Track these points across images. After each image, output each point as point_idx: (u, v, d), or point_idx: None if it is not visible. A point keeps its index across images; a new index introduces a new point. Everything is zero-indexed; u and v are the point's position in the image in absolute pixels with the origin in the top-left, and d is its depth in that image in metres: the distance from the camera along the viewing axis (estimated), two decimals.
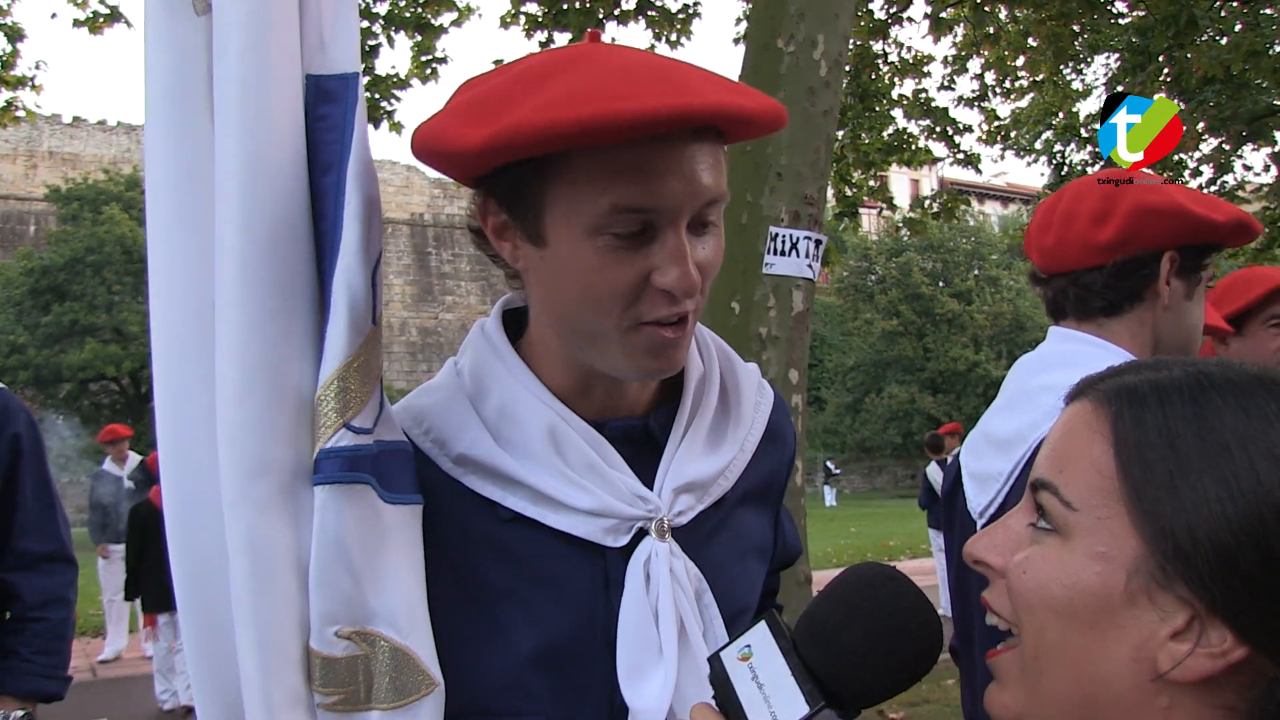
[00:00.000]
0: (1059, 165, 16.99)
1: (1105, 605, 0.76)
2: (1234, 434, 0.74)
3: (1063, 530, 0.80)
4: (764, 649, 0.91)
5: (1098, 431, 0.80)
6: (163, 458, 1.07)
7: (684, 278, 1.03)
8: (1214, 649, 0.73)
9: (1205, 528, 0.72)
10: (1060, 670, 0.79)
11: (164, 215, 1.09)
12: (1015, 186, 54.63)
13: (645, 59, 1.03)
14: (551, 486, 1.12)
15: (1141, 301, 1.74)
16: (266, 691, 1.00)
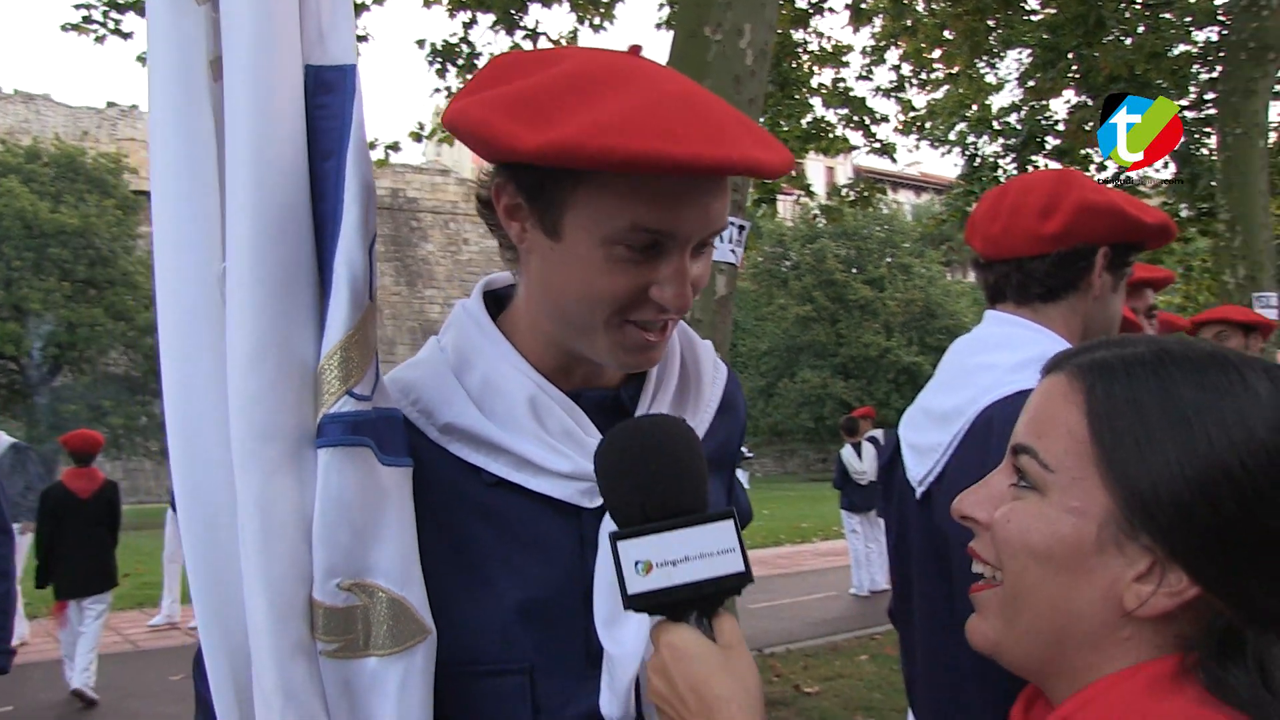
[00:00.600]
0: (972, 156, 17.32)
1: (1078, 552, 0.89)
2: (1191, 405, 0.86)
3: (1041, 488, 0.92)
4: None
5: (1073, 402, 0.92)
6: (171, 425, 1.14)
7: (679, 296, 1.14)
8: (1172, 589, 0.86)
9: (1166, 487, 0.85)
10: (1037, 606, 0.92)
11: (169, 198, 1.15)
12: (929, 176, 55.57)
13: (686, 91, 1.09)
14: (532, 452, 1.21)
15: (1076, 290, 1.89)
16: (274, 640, 1.08)
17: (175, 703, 8.04)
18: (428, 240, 41.95)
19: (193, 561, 1.13)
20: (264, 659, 1.08)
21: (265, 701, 1.09)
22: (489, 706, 1.19)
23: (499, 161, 1.16)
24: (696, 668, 1.01)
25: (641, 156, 1.01)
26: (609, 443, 1.11)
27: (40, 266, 27.99)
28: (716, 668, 1.01)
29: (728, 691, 1.00)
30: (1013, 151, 16.81)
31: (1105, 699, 0.87)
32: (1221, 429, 0.84)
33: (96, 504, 8.41)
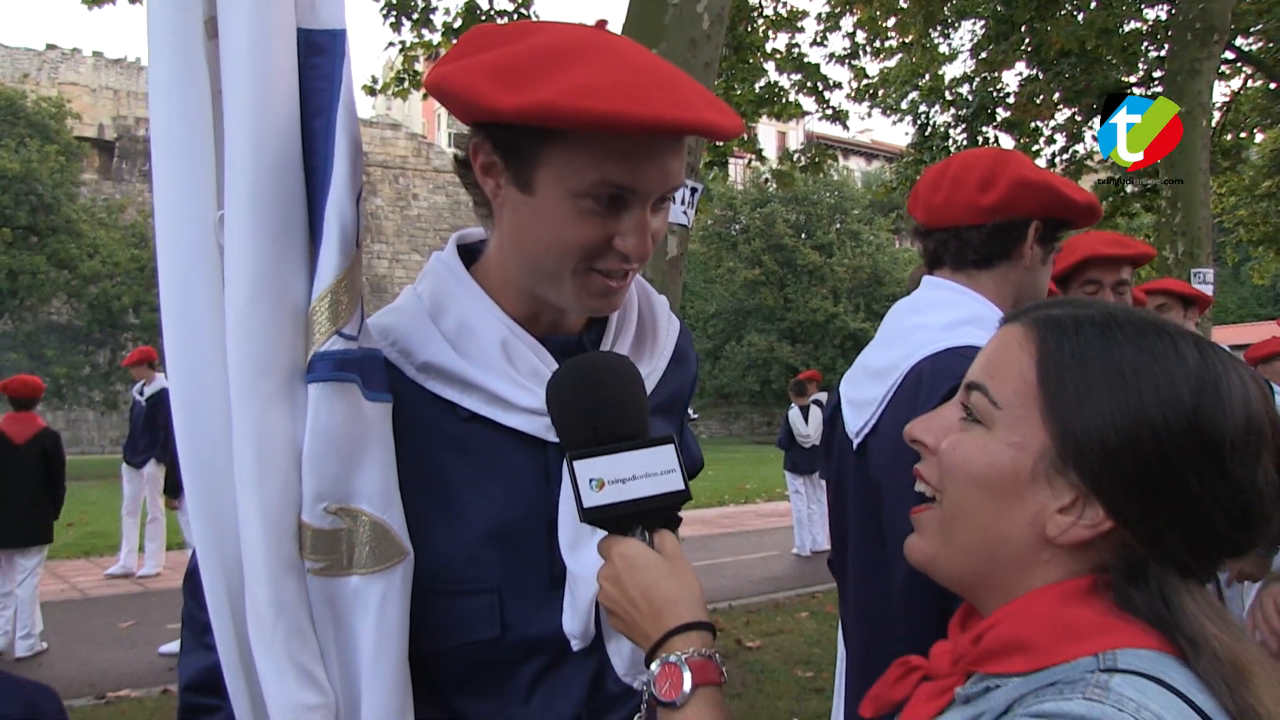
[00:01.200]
0: (923, 125, 17.49)
1: (1014, 482, 1.01)
2: (1130, 364, 0.98)
3: (987, 422, 1.05)
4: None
5: (1026, 350, 1.04)
6: (171, 361, 1.23)
7: (640, 246, 1.26)
8: (1089, 522, 0.98)
9: (1098, 433, 0.97)
10: (971, 527, 1.04)
11: (168, 149, 1.23)
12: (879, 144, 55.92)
13: (649, 62, 1.21)
14: (503, 389, 1.33)
15: (1008, 260, 2.05)
16: (267, 558, 1.18)
17: (125, 649, 8.09)
18: (376, 195, 41.58)
19: (191, 488, 1.22)
20: (258, 576, 1.19)
21: (257, 615, 1.20)
22: (461, 623, 1.31)
23: (478, 122, 1.26)
24: (646, 574, 1.16)
25: (610, 116, 1.13)
26: (563, 373, 1.25)
27: None
28: (664, 573, 1.16)
29: (675, 593, 1.15)
30: (963, 122, 16.98)
31: (1029, 608, 1.00)
32: (1152, 387, 0.96)
33: (30, 451, 7.96)
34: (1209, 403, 0.96)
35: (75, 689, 6.91)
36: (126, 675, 7.34)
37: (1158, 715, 0.85)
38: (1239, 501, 0.96)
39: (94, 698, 6.75)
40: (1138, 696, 0.86)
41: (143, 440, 10.41)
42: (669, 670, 1.10)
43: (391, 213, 41.99)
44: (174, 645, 8.43)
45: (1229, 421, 0.95)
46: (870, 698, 1.14)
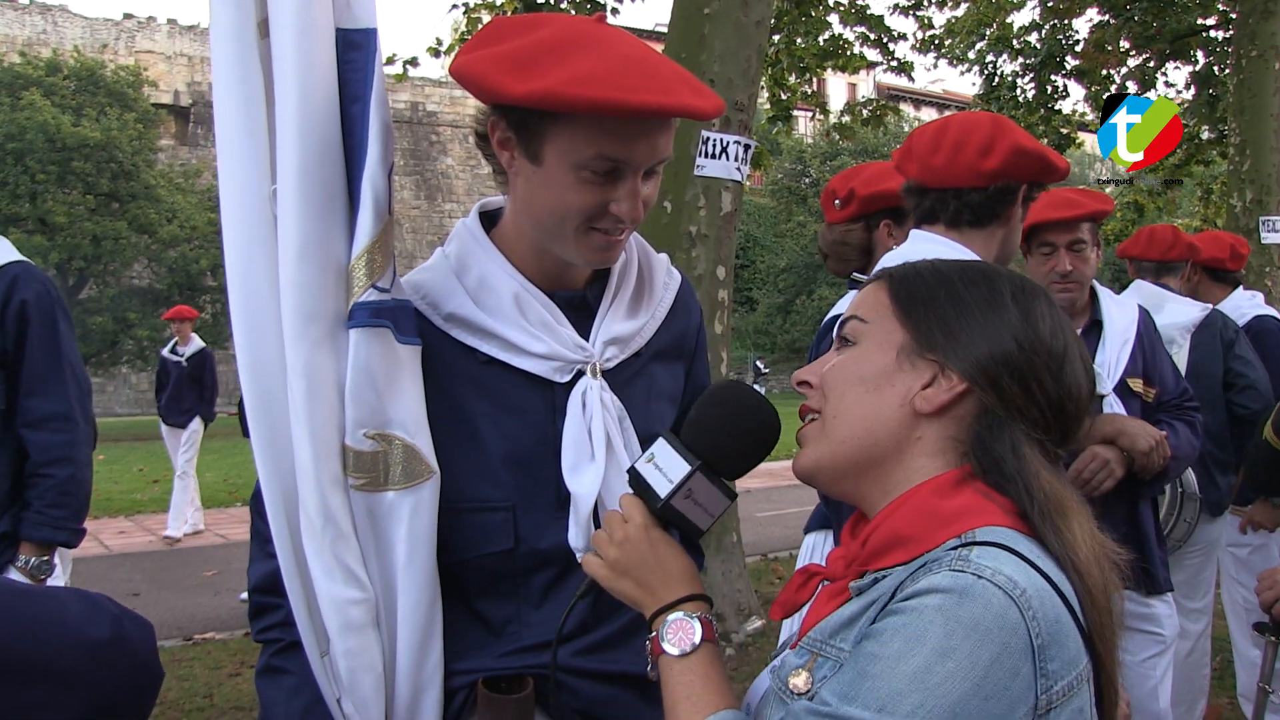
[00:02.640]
0: (990, 76, 17.29)
1: (883, 371, 1.23)
2: (957, 275, 1.25)
3: (857, 339, 1.27)
4: (661, 450, 1.38)
5: (881, 288, 1.29)
6: (235, 312, 1.46)
7: (633, 209, 1.47)
8: (946, 387, 1.19)
9: (942, 322, 1.21)
10: (851, 419, 1.24)
11: (229, 133, 1.46)
12: (951, 94, 55.03)
13: (639, 53, 1.41)
14: (516, 337, 1.55)
15: (998, 220, 2.25)
16: (317, 475, 1.42)
17: (209, 595, 8.52)
18: (446, 154, 41.95)
19: (254, 419, 1.46)
20: (309, 490, 1.43)
21: (309, 523, 1.43)
22: (481, 536, 1.55)
23: (493, 103, 1.46)
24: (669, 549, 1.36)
25: (603, 102, 1.33)
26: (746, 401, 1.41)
27: (64, 180, 27.97)
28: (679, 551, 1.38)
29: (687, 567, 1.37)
30: (1031, 71, 16.75)
31: (905, 505, 1.19)
32: (974, 281, 1.23)
33: None
34: (1021, 295, 1.23)
35: (164, 631, 7.30)
36: (212, 619, 7.75)
37: (1010, 577, 1.03)
38: (1058, 361, 1.20)
39: (182, 639, 7.17)
40: (992, 563, 1.05)
41: (189, 398, 10.65)
42: (680, 625, 1.29)
43: (462, 172, 42.38)
44: None
45: (1037, 308, 1.22)
46: (778, 603, 1.33)
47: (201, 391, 10.73)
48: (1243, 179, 11.01)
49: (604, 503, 1.54)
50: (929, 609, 1.03)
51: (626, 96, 1.34)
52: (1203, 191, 19.24)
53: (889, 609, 1.08)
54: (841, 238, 3.14)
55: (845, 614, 1.15)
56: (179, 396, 10.64)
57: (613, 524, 1.37)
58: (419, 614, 1.48)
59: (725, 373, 6.50)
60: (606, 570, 1.36)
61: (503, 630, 1.57)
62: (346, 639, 1.45)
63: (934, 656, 1.00)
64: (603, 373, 1.60)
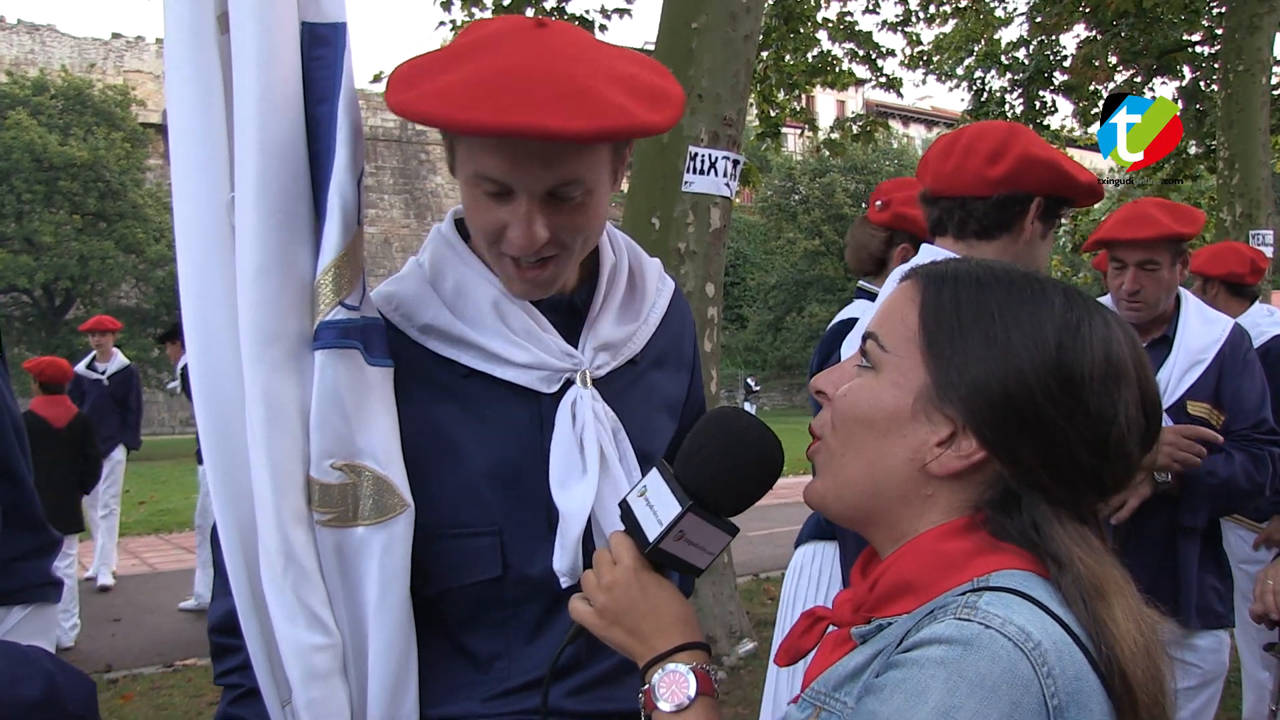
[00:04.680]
0: (979, 91, 17.33)
1: (896, 418, 1.09)
2: (998, 307, 1.07)
3: (877, 366, 1.13)
4: (654, 483, 1.25)
5: (911, 300, 1.13)
6: (188, 331, 1.35)
7: (524, 238, 1.33)
8: (963, 452, 1.06)
9: (970, 369, 1.05)
10: (858, 464, 1.12)
11: (184, 135, 1.35)
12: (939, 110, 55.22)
13: (523, 66, 1.25)
14: (498, 346, 1.43)
15: (1008, 232, 2.12)
16: (278, 510, 1.30)
17: (192, 621, 8.36)
18: (436, 173, 41.84)
19: (209, 448, 1.34)
20: (268, 526, 1.31)
21: (269, 562, 1.32)
22: (466, 563, 1.43)
23: None
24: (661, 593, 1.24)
25: (440, 118, 1.23)
26: (741, 430, 1.25)
27: (50, 199, 27.81)
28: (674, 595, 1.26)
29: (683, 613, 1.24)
30: (1020, 86, 16.79)
31: (913, 549, 1.08)
32: (1018, 327, 1.05)
33: (69, 436, 7.35)
34: (1069, 341, 1.04)
35: (144, 658, 7.17)
36: (194, 644, 7.59)
37: (1021, 628, 0.92)
38: (1097, 432, 1.03)
39: (162, 665, 7.00)
40: (1003, 612, 0.93)
41: (110, 423, 8.98)
42: (673, 678, 1.18)
43: (452, 190, 42.14)
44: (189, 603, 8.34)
45: (1087, 358, 1.03)
46: (783, 649, 1.21)
47: (125, 415, 9.22)
48: (1232, 193, 11.04)
49: (598, 523, 1.43)
50: (930, 662, 0.92)
51: (460, 114, 1.21)
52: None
53: (891, 660, 0.97)
54: (865, 239, 3.10)
55: (850, 665, 1.05)
56: (100, 421, 8.64)
57: (601, 566, 1.26)
58: (392, 659, 1.37)
59: (715, 391, 6.40)
60: (595, 618, 1.24)
61: (490, 666, 1.45)
62: (310, 688, 1.33)
63: (935, 716, 0.90)
64: (594, 381, 1.48)
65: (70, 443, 7.42)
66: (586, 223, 1.39)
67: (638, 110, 1.27)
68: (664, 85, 1.36)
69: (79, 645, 7.44)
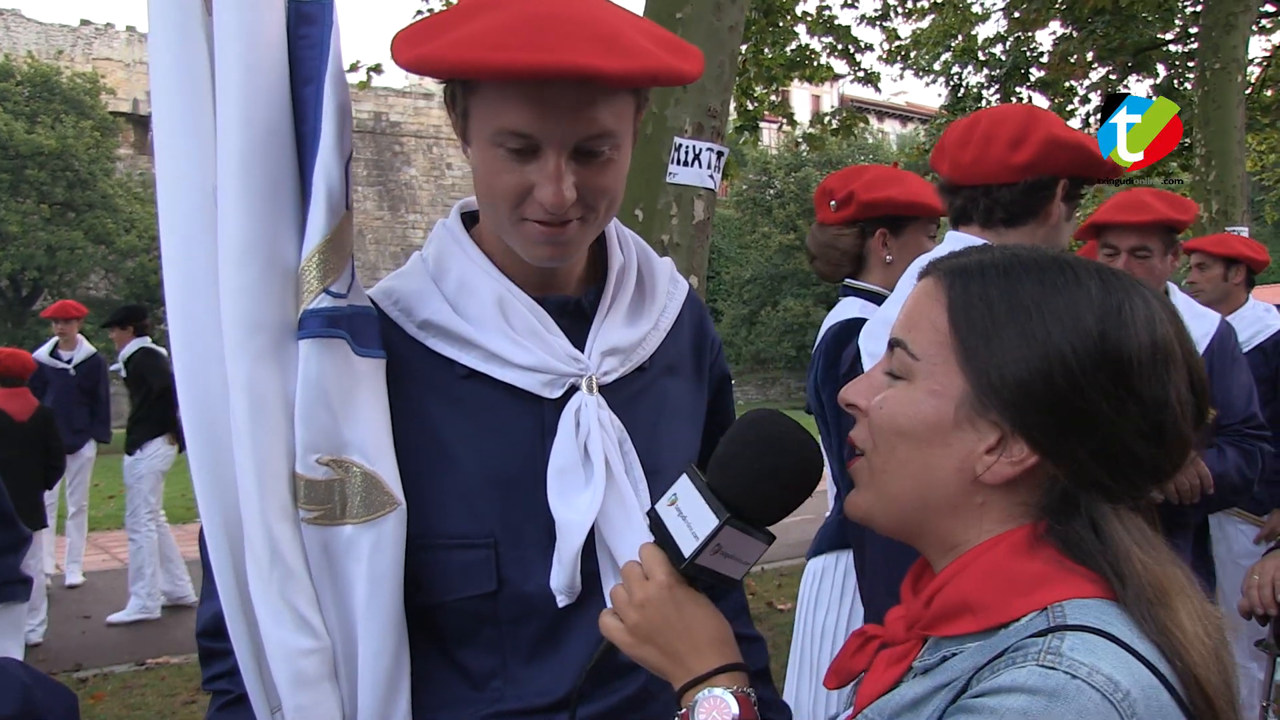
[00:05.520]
0: (956, 87, 17.36)
1: (938, 429, 1.04)
2: (1032, 299, 1.01)
3: (909, 376, 1.07)
4: (685, 491, 1.19)
5: (937, 300, 1.07)
6: (172, 319, 1.29)
7: (555, 195, 1.26)
8: (1014, 458, 1.01)
9: (1010, 369, 1.00)
10: (903, 477, 1.06)
11: (168, 119, 1.29)
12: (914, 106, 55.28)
13: (554, 11, 1.20)
14: (500, 346, 1.36)
15: (1035, 218, 2.08)
16: (263, 506, 1.24)
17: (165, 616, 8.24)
18: (410, 165, 41.59)
19: (193, 441, 1.28)
20: (254, 523, 1.25)
21: (255, 560, 1.26)
22: (459, 576, 1.35)
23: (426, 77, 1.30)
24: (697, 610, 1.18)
25: (473, 63, 1.16)
26: (778, 435, 1.18)
27: (17, 188, 27.38)
28: (711, 613, 1.19)
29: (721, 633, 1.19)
30: (997, 82, 16.82)
31: (976, 565, 1.02)
32: (1056, 318, 0.99)
33: (32, 429, 7.16)
34: (1113, 327, 0.98)
35: (116, 655, 7.08)
36: (167, 643, 7.49)
37: (1109, 677, 0.87)
38: (1151, 419, 0.98)
39: (135, 664, 6.91)
40: (1089, 659, 0.88)
41: (79, 416, 8.60)
42: (713, 703, 1.12)
43: (426, 182, 42.02)
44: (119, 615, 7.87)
45: (1134, 343, 0.98)
46: (833, 670, 1.17)
47: (95, 407, 8.75)
48: (1209, 190, 11.09)
49: (602, 538, 1.36)
50: (1013, 713, 0.87)
51: (491, 56, 1.15)
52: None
53: (962, 704, 0.91)
54: (833, 241, 2.98)
55: (909, 695, 0.99)
56: (66, 414, 8.28)
57: (632, 581, 1.19)
58: (382, 664, 1.30)
59: None
60: (627, 635, 1.18)
61: (485, 685, 1.38)
62: (298, 694, 1.27)
63: None
64: (600, 388, 1.41)
65: (33, 437, 7.21)
66: (613, 183, 1.33)
67: (668, 57, 1.23)
68: (679, 40, 1.31)
69: (47, 643, 7.33)
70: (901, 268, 2.54)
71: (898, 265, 2.78)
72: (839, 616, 2.83)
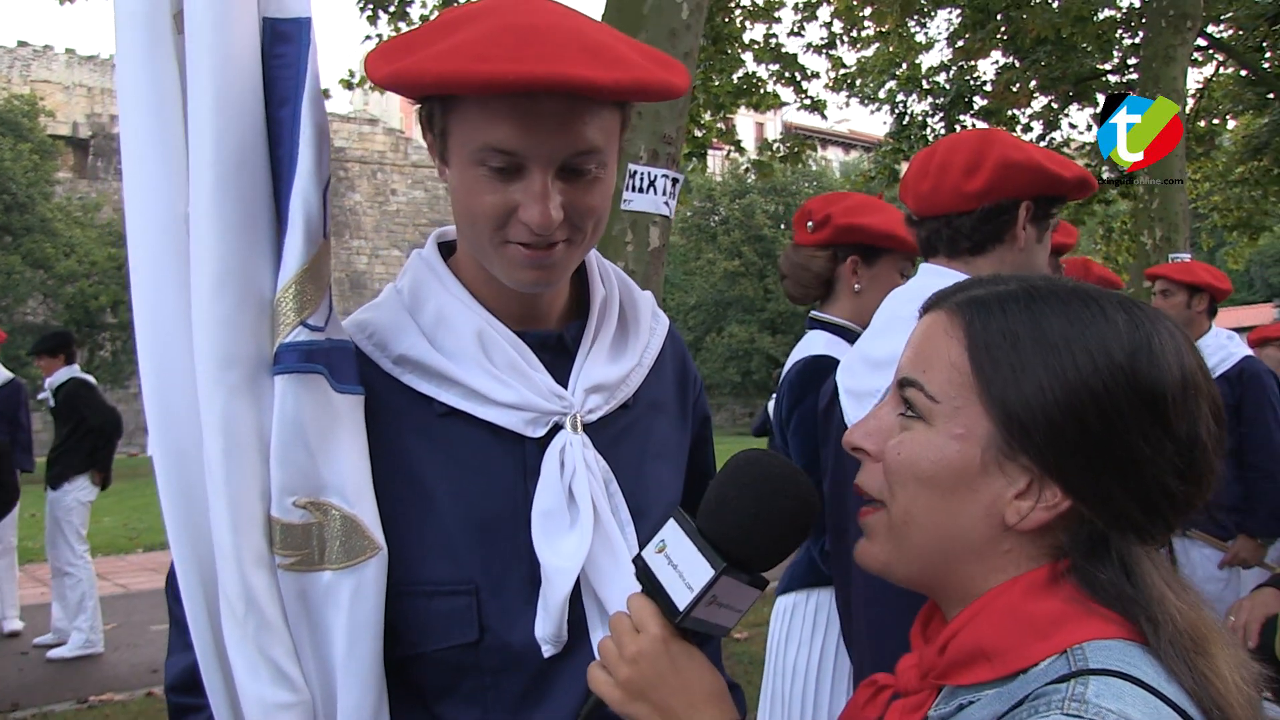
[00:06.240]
0: (901, 115, 17.54)
1: (964, 475, 0.99)
2: (1060, 335, 0.96)
3: (927, 418, 1.02)
4: (674, 538, 1.12)
5: (953, 336, 1.01)
6: (142, 352, 1.22)
7: (542, 215, 1.20)
8: (1048, 503, 0.96)
9: (1040, 409, 0.95)
10: (925, 527, 1.01)
11: (137, 144, 1.22)
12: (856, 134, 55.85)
13: (537, 23, 1.15)
14: (480, 383, 1.30)
15: (1001, 243, 2.03)
16: (237, 551, 1.17)
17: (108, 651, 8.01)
18: (355, 190, 41.28)
19: (164, 481, 1.21)
20: (227, 569, 1.18)
21: (229, 608, 1.19)
22: (439, 626, 1.28)
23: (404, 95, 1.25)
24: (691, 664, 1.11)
25: (455, 76, 1.11)
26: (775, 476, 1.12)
27: None
28: (706, 668, 1.13)
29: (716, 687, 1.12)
30: (941, 110, 17.03)
31: (990, 609, 0.98)
32: (1086, 355, 0.95)
33: None
34: (1144, 362, 0.94)
35: (56, 693, 6.85)
36: (110, 679, 7.28)
37: None
38: (1185, 454, 0.95)
39: (76, 702, 6.68)
40: (1116, 705, 0.84)
41: None
42: None
43: (370, 208, 41.71)
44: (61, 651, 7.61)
45: (1166, 378, 0.94)
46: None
47: (15, 434, 8.03)
48: (1152, 217, 11.27)
49: (588, 584, 1.29)
50: None
51: (476, 67, 1.10)
52: (1104, 230, 19.65)
53: None
54: (805, 262, 2.93)
55: None
56: None
57: (622, 635, 1.12)
58: (363, 717, 1.23)
59: None
60: (617, 690, 1.11)
61: None
62: None
63: None
64: (585, 426, 1.35)
65: None
66: (600, 202, 1.27)
67: (657, 69, 1.18)
68: (663, 54, 1.27)
69: None
70: (870, 300, 2.51)
71: (866, 296, 2.76)
72: (810, 654, 2.77)
